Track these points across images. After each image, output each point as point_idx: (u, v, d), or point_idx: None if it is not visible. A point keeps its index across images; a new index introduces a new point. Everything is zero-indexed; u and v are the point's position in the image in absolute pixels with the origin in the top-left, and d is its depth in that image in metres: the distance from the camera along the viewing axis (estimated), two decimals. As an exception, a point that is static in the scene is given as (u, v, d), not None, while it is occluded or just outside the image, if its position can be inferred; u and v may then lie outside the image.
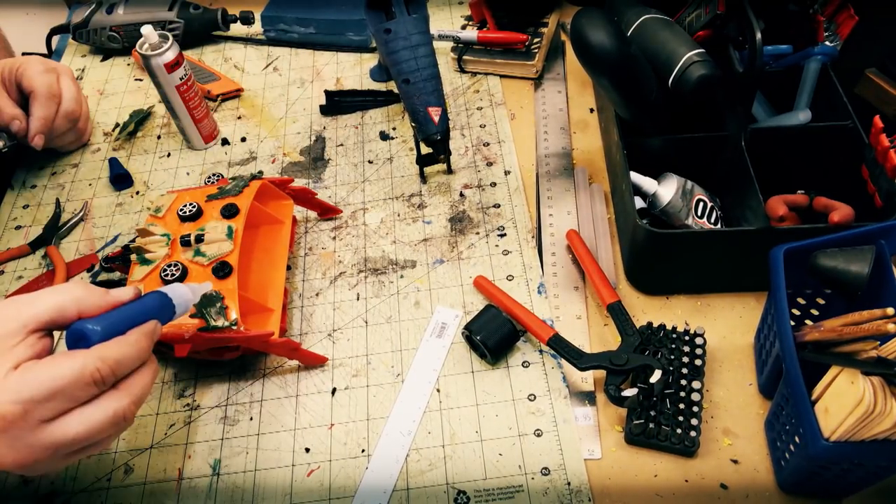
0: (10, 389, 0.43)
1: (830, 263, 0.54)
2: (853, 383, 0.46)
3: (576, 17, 0.63)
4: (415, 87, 0.74)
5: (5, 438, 0.44)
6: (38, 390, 0.44)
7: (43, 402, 0.44)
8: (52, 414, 0.45)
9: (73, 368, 0.44)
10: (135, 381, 0.49)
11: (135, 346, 0.48)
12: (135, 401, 0.48)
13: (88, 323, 0.47)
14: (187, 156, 0.91)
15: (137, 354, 0.48)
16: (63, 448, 0.46)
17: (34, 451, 0.45)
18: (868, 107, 0.81)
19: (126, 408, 0.47)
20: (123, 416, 0.47)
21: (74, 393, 0.45)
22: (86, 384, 0.45)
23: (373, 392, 0.66)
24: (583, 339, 0.68)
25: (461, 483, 0.60)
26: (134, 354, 0.48)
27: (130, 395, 0.48)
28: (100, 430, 0.46)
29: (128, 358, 0.47)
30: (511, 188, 0.82)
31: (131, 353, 0.48)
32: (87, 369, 0.45)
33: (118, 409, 0.47)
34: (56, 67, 0.88)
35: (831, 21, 0.77)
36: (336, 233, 0.80)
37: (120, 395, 0.47)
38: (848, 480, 0.53)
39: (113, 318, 0.48)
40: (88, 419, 0.46)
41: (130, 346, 0.48)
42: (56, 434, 0.45)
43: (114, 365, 0.46)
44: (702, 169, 0.73)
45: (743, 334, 0.67)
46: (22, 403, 0.43)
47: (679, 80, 0.66)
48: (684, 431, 0.59)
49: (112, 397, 0.47)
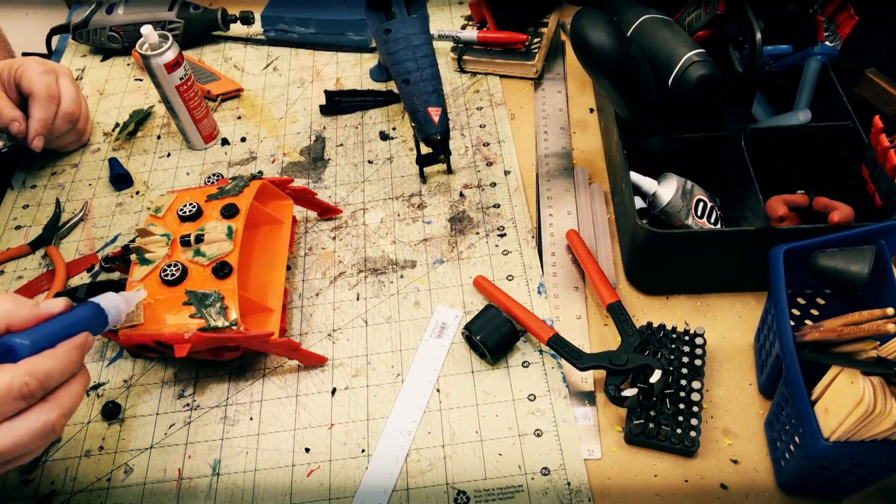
0: None
1: (830, 263, 0.53)
2: (853, 383, 0.46)
3: (576, 17, 0.63)
4: (415, 87, 0.74)
5: None
6: None
7: None
8: None
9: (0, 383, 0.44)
10: (64, 393, 0.48)
11: (64, 359, 0.48)
12: (64, 413, 0.48)
13: (17, 337, 0.47)
14: (187, 156, 0.91)
15: (67, 367, 0.48)
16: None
17: None
18: (868, 107, 0.81)
19: (55, 420, 0.47)
20: (52, 429, 0.47)
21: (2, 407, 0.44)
22: (13, 399, 0.45)
23: (373, 392, 0.66)
24: (583, 339, 0.68)
25: (461, 483, 0.60)
26: (63, 367, 0.48)
27: (60, 408, 0.48)
28: (27, 443, 0.46)
29: (57, 371, 0.47)
30: (511, 188, 0.82)
31: (61, 367, 0.47)
32: (14, 384, 0.44)
33: (47, 423, 0.47)
34: (55, 68, 0.88)
35: (831, 21, 0.77)
36: (336, 233, 0.80)
37: (49, 408, 0.47)
38: (848, 480, 0.53)
39: (42, 331, 0.48)
40: (16, 432, 0.45)
41: (60, 359, 0.47)
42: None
43: (43, 379, 0.46)
44: (702, 169, 0.73)
45: (743, 334, 0.67)
46: None
47: (679, 80, 0.66)
48: (684, 431, 0.59)
49: (41, 410, 0.47)
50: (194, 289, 0.62)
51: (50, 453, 0.65)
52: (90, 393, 0.69)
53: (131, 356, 0.71)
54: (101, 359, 0.71)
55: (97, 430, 0.66)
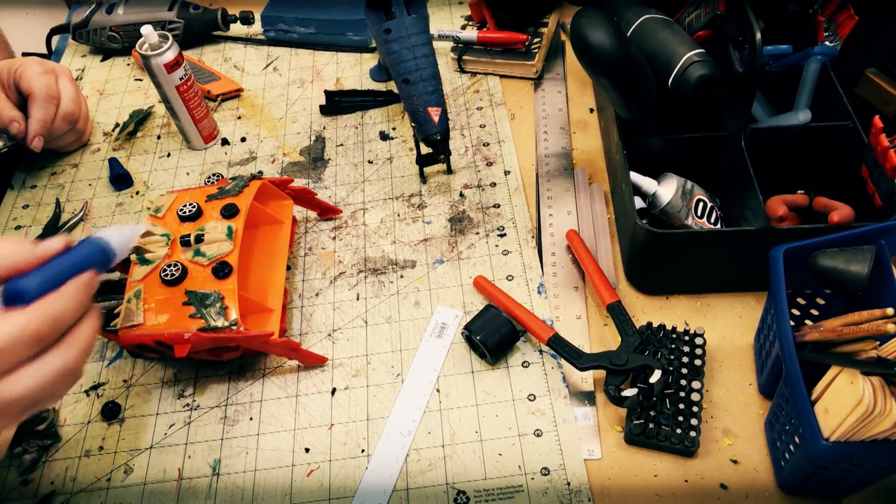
0: None
1: (830, 263, 0.54)
2: (853, 383, 0.46)
3: (576, 17, 0.63)
4: (415, 87, 0.74)
5: None
6: None
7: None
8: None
9: (13, 328, 0.43)
10: (78, 333, 0.47)
11: (73, 299, 0.47)
12: (81, 352, 0.47)
13: (22, 280, 0.45)
14: (187, 156, 0.91)
15: (77, 307, 0.47)
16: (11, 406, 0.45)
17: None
18: (868, 107, 0.81)
19: (73, 361, 0.47)
20: (71, 371, 0.46)
21: (17, 353, 0.44)
22: (28, 343, 0.44)
23: (373, 392, 0.66)
24: (583, 339, 0.68)
25: (461, 483, 0.60)
26: (74, 307, 0.47)
27: (76, 348, 0.47)
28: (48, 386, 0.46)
29: (68, 311, 0.46)
30: (511, 188, 0.82)
31: (71, 307, 0.46)
32: (28, 328, 0.44)
33: (66, 364, 0.46)
34: (55, 68, 0.88)
35: (831, 21, 0.77)
36: (336, 233, 0.80)
37: (66, 350, 0.46)
38: (848, 480, 0.53)
39: (47, 272, 0.46)
40: (35, 376, 0.45)
41: (69, 299, 0.46)
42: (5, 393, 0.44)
43: (54, 321, 0.45)
44: (702, 169, 0.73)
45: (743, 334, 0.67)
46: None
47: (679, 80, 0.66)
48: (684, 431, 0.59)
49: (58, 352, 0.46)
50: (194, 289, 0.62)
51: (50, 453, 0.65)
52: (90, 393, 0.69)
53: (131, 356, 0.71)
54: (101, 359, 0.71)
55: (97, 430, 0.66)
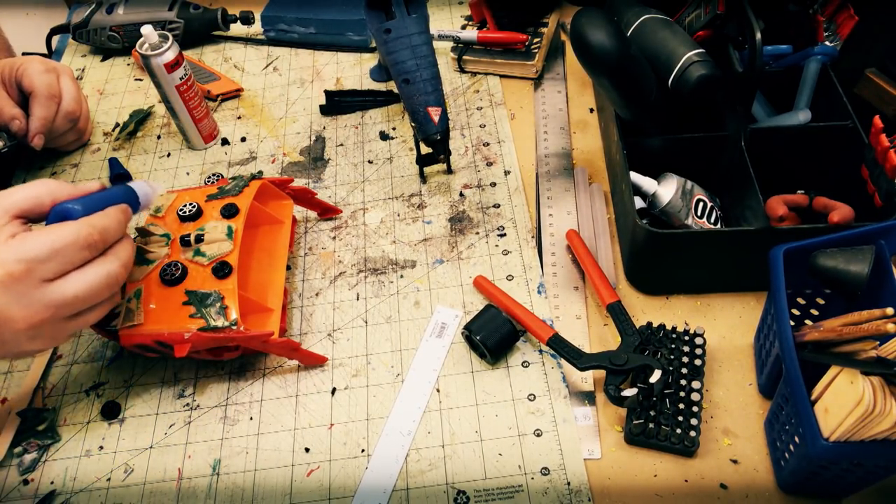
0: (13, 251, 0.48)
1: (830, 263, 0.54)
2: (853, 383, 0.46)
3: (576, 17, 0.63)
4: (415, 87, 0.74)
5: (13, 295, 0.48)
6: (39, 251, 0.48)
7: (44, 261, 0.48)
8: (53, 274, 0.49)
9: (68, 233, 0.49)
10: (120, 248, 0.54)
11: (115, 219, 0.53)
12: (123, 264, 0.54)
13: (69, 202, 0.52)
14: (187, 156, 0.91)
15: (119, 226, 0.54)
16: (65, 307, 0.50)
17: (39, 309, 0.49)
18: (868, 107, 0.81)
19: (118, 270, 0.53)
20: (116, 278, 0.53)
21: (71, 255, 0.50)
22: (81, 247, 0.50)
23: (373, 392, 0.66)
24: (583, 339, 0.68)
25: (461, 483, 0.60)
26: (115, 226, 0.53)
27: (119, 259, 0.53)
28: (97, 290, 0.51)
29: (112, 227, 0.53)
30: (511, 188, 0.82)
31: (114, 224, 0.53)
32: (80, 233, 0.50)
33: (111, 271, 0.52)
34: (56, 67, 0.88)
35: (831, 21, 0.77)
36: (336, 233, 0.80)
37: (111, 259, 0.52)
38: (848, 480, 0.53)
39: (89, 199, 0.53)
40: (86, 279, 0.51)
41: (111, 218, 0.53)
42: (58, 292, 0.49)
43: (102, 231, 0.51)
44: (702, 169, 0.73)
45: (743, 334, 0.67)
46: (25, 262, 0.48)
47: (679, 80, 0.66)
48: (684, 431, 0.59)
49: (105, 260, 0.52)
50: (194, 289, 0.62)
51: (50, 453, 0.65)
52: (90, 393, 0.69)
53: (131, 356, 0.71)
54: (101, 359, 0.71)
55: (97, 430, 0.66)
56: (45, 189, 0.52)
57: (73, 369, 0.71)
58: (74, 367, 0.71)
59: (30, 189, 0.51)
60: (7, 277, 0.47)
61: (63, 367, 0.71)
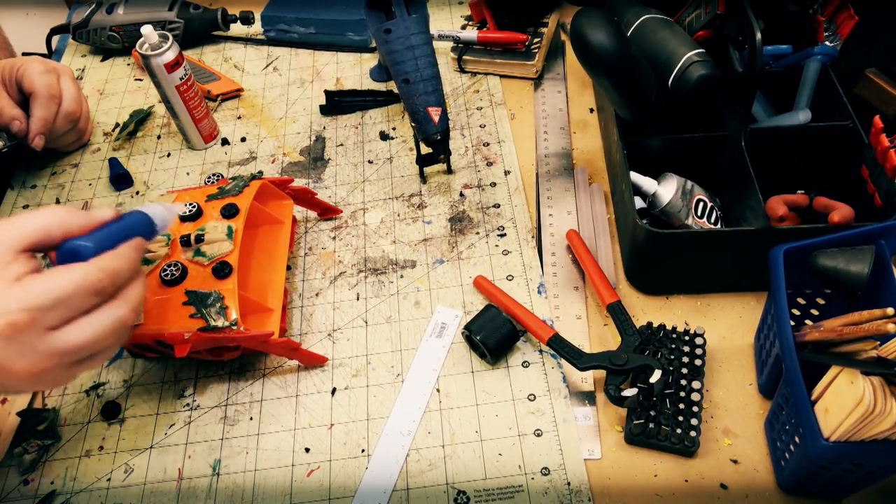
0: (16, 299, 0.45)
1: (830, 263, 0.54)
2: (853, 383, 0.46)
3: (576, 17, 0.63)
4: (415, 87, 0.74)
5: (15, 346, 0.46)
6: (44, 299, 0.45)
7: (49, 310, 0.46)
8: (58, 322, 0.47)
9: (75, 278, 0.46)
10: (131, 291, 0.51)
11: (127, 259, 0.50)
12: (132, 309, 0.51)
13: (80, 239, 0.49)
14: (187, 156, 0.91)
15: (131, 266, 0.50)
16: (69, 355, 0.48)
17: (42, 358, 0.46)
18: (868, 107, 0.81)
19: (126, 315, 0.50)
20: (124, 324, 0.50)
21: (78, 302, 0.47)
22: (88, 293, 0.47)
23: (373, 392, 0.66)
24: (583, 339, 0.68)
25: (461, 483, 0.60)
26: (128, 266, 0.50)
27: (129, 304, 0.50)
28: (104, 338, 0.49)
29: (123, 269, 0.50)
30: (511, 188, 0.82)
31: (125, 265, 0.50)
32: (88, 279, 0.47)
33: (119, 317, 0.49)
34: (56, 68, 0.88)
35: (831, 21, 0.77)
36: (336, 233, 0.80)
37: (120, 304, 0.50)
38: (848, 480, 0.53)
39: (101, 234, 0.50)
40: (92, 326, 0.48)
41: (123, 259, 0.50)
42: (62, 341, 0.47)
43: (113, 275, 0.48)
44: (702, 169, 0.73)
45: (743, 334, 0.67)
46: (29, 311, 0.45)
47: (679, 80, 0.66)
48: (684, 431, 0.59)
49: (113, 306, 0.49)
50: (194, 289, 0.62)
51: (50, 453, 0.65)
52: (90, 393, 0.69)
53: (131, 356, 0.71)
54: (101, 359, 0.71)
55: (97, 430, 0.66)
56: (55, 219, 0.49)
57: (73, 369, 0.71)
58: (74, 367, 0.71)
59: (39, 219, 0.48)
60: (9, 328, 0.45)
61: (63, 367, 0.71)
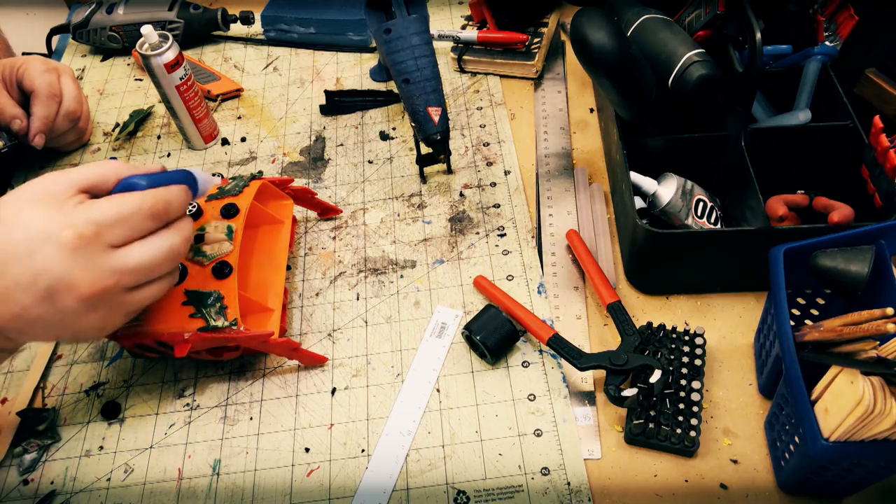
0: (83, 214, 0.49)
1: (830, 263, 0.54)
2: (853, 383, 0.46)
3: (576, 17, 0.63)
4: (415, 87, 0.74)
5: (81, 258, 0.48)
6: (108, 215, 0.49)
7: (112, 226, 0.49)
8: (119, 240, 0.50)
9: (135, 201, 0.51)
10: (182, 223, 0.55)
11: (177, 195, 0.54)
12: (185, 239, 0.54)
13: (135, 177, 0.53)
14: (187, 156, 0.91)
15: (180, 203, 0.54)
16: (128, 275, 0.51)
17: (104, 275, 0.49)
18: (868, 107, 0.81)
19: (179, 243, 0.54)
20: (178, 251, 0.53)
21: (138, 223, 0.51)
22: (146, 216, 0.51)
23: (373, 392, 0.66)
24: (583, 339, 0.68)
25: (461, 483, 0.60)
26: (178, 202, 0.54)
27: (181, 234, 0.54)
28: (160, 262, 0.52)
29: (175, 202, 0.53)
30: (511, 188, 0.82)
31: (177, 200, 0.54)
32: (146, 203, 0.51)
33: (174, 244, 0.53)
34: (57, 67, 0.88)
35: (831, 21, 0.77)
36: (336, 233, 0.80)
37: (173, 233, 0.53)
38: (848, 480, 0.53)
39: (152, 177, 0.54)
40: (150, 248, 0.52)
41: (175, 194, 0.54)
42: (122, 259, 0.50)
43: (166, 204, 0.52)
44: (702, 169, 0.73)
45: (743, 334, 0.67)
46: (95, 224, 0.49)
47: (679, 80, 0.66)
48: (684, 431, 0.59)
49: (168, 233, 0.53)
50: (194, 289, 0.62)
51: (50, 453, 0.65)
52: (90, 393, 0.69)
53: (131, 356, 0.71)
54: (101, 359, 0.71)
55: (97, 430, 0.66)
56: (110, 167, 0.53)
57: (73, 369, 0.71)
58: (74, 367, 0.71)
59: (96, 166, 0.52)
60: (77, 239, 0.48)
61: (63, 367, 0.71)
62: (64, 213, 0.48)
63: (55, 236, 0.47)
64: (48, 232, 0.48)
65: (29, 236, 0.48)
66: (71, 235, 0.47)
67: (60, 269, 0.48)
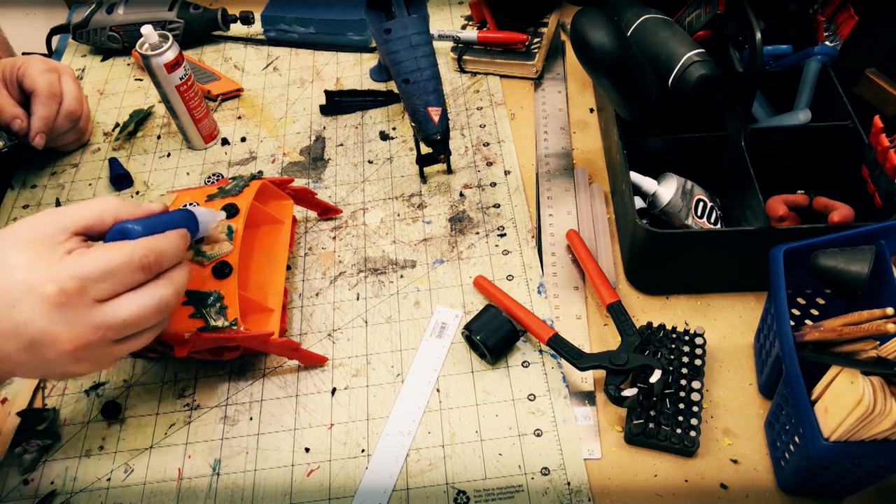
0: (67, 268, 0.47)
1: (830, 263, 0.54)
2: (853, 383, 0.46)
3: (576, 17, 0.63)
4: (415, 87, 0.74)
5: (64, 314, 0.47)
6: (94, 270, 0.47)
7: (98, 281, 0.47)
8: (106, 294, 0.48)
9: (123, 252, 0.49)
10: (175, 273, 0.53)
11: (173, 243, 0.52)
12: (176, 291, 0.52)
13: (129, 221, 0.51)
14: (187, 156, 0.91)
15: (175, 251, 0.52)
16: (114, 330, 0.49)
17: (88, 330, 0.48)
18: (868, 107, 0.81)
19: (170, 296, 0.52)
20: (167, 304, 0.51)
21: (125, 276, 0.49)
22: (135, 269, 0.49)
23: (373, 392, 0.66)
24: (583, 339, 0.68)
25: (461, 483, 0.60)
26: (173, 250, 0.52)
27: (173, 285, 0.52)
28: (147, 315, 0.50)
29: (169, 251, 0.52)
30: (511, 188, 0.82)
31: (171, 248, 0.52)
32: (136, 255, 0.49)
33: (163, 296, 0.51)
34: (57, 67, 0.88)
35: (831, 21, 0.77)
36: (336, 233, 0.80)
37: (164, 284, 0.51)
38: (848, 480, 0.53)
39: (149, 220, 0.53)
40: (137, 302, 0.50)
41: (169, 242, 0.52)
42: (108, 314, 0.48)
43: (159, 254, 0.51)
44: (702, 169, 0.73)
45: (743, 334, 0.67)
46: (80, 280, 0.47)
47: (679, 80, 0.66)
48: (684, 431, 0.59)
49: (158, 285, 0.51)
50: (194, 289, 0.62)
51: (50, 453, 0.65)
52: (90, 393, 0.69)
53: (131, 356, 0.71)
54: (101, 359, 0.71)
55: (97, 430, 0.66)
56: (107, 206, 0.51)
57: (73, 369, 0.71)
58: (74, 367, 0.71)
59: (93, 206, 0.51)
60: (59, 295, 0.46)
61: (63, 367, 0.71)
62: (49, 263, 0.47)
63: (37, 289, 0.46)
64: (31, 283, 0.46)
65: (12, 284, 0.46)
66: (53, 290, 0.46)
67: (42, 323, 0.46)
